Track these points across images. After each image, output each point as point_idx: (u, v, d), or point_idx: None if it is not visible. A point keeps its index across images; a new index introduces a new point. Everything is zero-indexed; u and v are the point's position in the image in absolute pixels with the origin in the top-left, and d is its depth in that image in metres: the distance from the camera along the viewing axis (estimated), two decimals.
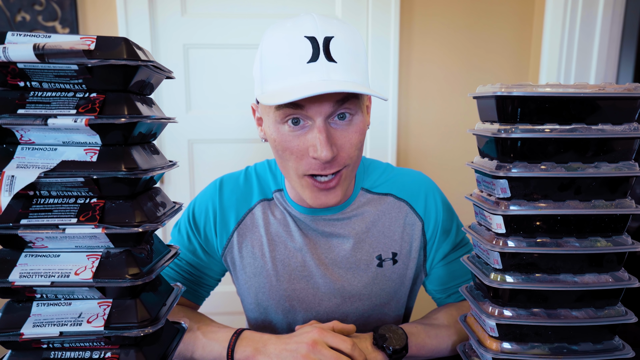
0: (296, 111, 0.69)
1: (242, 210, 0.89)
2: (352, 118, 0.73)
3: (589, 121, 0.57)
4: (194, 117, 1.75)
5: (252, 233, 0.88)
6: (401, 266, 0.89)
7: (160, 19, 1.69)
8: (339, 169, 0.74)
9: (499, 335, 0.62)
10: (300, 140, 0.72)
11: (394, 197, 0.90)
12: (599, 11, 1.59)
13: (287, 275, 0.87)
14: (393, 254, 0.88)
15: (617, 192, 0.59)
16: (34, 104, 0.49)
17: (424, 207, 0.90)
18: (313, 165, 0.72)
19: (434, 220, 0.90)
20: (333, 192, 0.76)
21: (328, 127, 0.71)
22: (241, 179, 0.93)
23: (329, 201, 0.76)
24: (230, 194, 0.90)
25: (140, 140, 0.54)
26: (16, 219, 0.49)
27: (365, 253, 0.87)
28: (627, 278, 0.61)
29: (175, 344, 0.61)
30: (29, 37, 0.47)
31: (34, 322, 0.51)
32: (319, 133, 0.69)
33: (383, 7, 1.70)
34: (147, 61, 0.49)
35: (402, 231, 0.89)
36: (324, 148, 0.69)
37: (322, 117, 0.69)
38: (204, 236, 0.90)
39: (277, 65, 0.69)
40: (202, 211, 0.91)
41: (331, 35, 0.67)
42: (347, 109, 0.71)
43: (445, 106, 1.81)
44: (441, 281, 0.92)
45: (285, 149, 0.73)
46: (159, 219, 0.53)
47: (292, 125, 0.71)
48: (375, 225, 0.88)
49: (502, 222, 0.59)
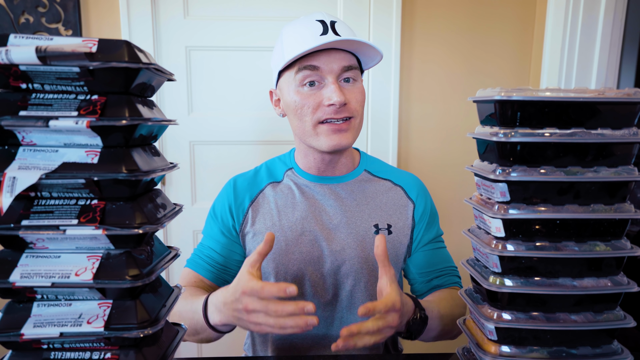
0: (313, 72, 0.87)
1: (254, 192, 1.02)
2: (355, 82, 0.91)
3: (588, 126, 0.58)
4: (195, 119, 1.76)
5: (263, 208, 1.00)
6: (395, 237, 0.99)
7: (162, 21, 1.69)
8: (349, 115, 0.89)
9: (498, 339, 0.62)
10: (316, 95, 0.88)
11: (392, 182, 1.04)
12: (600, 15, 1.59)
13: (294, 240, 0.96)
14: (388, 225, 0.99)
15: (616, 196, 0.59)
16: (36, 106, 0.49)
17: (416, 195, 1.03)
18: (327, 112, 0.88)
19: (423, 208, 1.02)
20: (345, 134, 0.89)
21: (339, 83, 0.88)
22: (251, 173, 1.06)
23: (341, 142, 0.89)
24: (242, 184, 1.03)
25: (141, 142, 0.55)
26: (17, 220, 0.50)
27: (363, 220, 0.98)
28: (626, 282, 0.61)
29: (175, 344, 0.61)
30: (31, 39, 0.47)
31: (34, 322, 0.51)
32: (333, 84, 0.87)
33: (384, 10, 1.71)
34: (149, 64, 0.50)
35: (397, 209, 1.01)
36: (339, 94, 0.85)
37: (333, 74, 0.87)
38: (222, 221, 1.01)
39: (296, 39, 0.87)
40: (219, 202, 1.03)
41: (335, 20, 0.89)
42: (350, 74, 0.89)
43: (446, 109, 1.81)
44: (424, 264, 1.01)
45: (304, 105, 0.89)
46: (159, 221, 0.54)
47: (309, 86, 0.88)
48: (374, 199, 1.00)
49: (501, 225, 0.59)
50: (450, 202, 1.79)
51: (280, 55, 0.90)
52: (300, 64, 0.87)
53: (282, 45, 0.89)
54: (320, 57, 0.86)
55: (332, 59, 0.87)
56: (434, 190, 1.15)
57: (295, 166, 1.03)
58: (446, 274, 1.01)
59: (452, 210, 1.79)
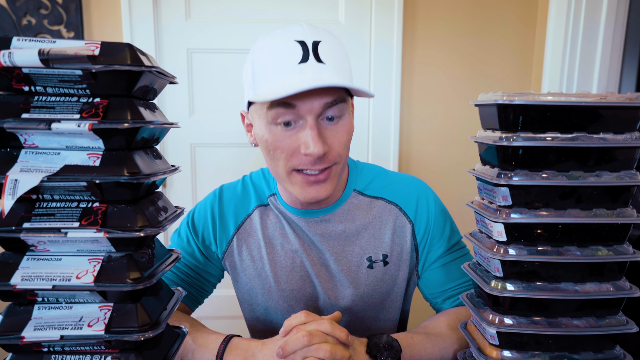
0: (288, 110, 0.71)
1: (240, 216, 0.92)
2: (340, 119, 0.75)
3: (590, 130, 0.58)
4: (196, 121, 1.76)
5: (250, 237, 0.91)
6: (392, 268, 0.89)
7: (164, 23, 1.70)
8: (328, 165, 0.76)
9: (500, 344, 0.62)
10: (291, 139, 0.74)
11: (385, 200, 0.91)
12: (602, 19, 1.59)
13: (285, 276, 0.89)
14: (384, 256, 0.89)
15: (619, 201, 0.59)
16: (38, 109, 0.49)
17: (414, 209, 0.91)
18: (304, 162, 0.74)
19: (426, 222, 0.90)
20: (323, 185, 0.77)
21: (319, 125, 0.73)
22: (239, 187, 0.95)
23: (319, 194, 0.77)
24: (228, 202, 0.93)
25: (142, 145, 0.55)
26: (19, 223, 0.50)
27: (355, 255, 0.88)
28: (628, 287, 0.61)
29: (176, 348, 0.61)
30: (34, 42, 0.47)
31: (34, 325, 0.51)
32: (311, 130, 0.72)
33: (386, 12, 1.71)
34: (151, 67, 0.50)
35: (392, 234, 0.89)
36: (317, 144, 0.71)
37: (313, 115, 0.72)
38: (202, 239, 0.92)
39: (270, 67, 0.71)
40: (201, 216, 0.93)
41: (319, 40, 0.71)
42: (335, 111, 0.74)
43: (447, 112, 1.82)
44: (435, 284, 0.91)
45: (277, 148, 0.75)
46: (160, 224, 0.54)
47: (284, 126, 0.74)
48: (366, 228, 0.89)
49: (503, 229, 0.59)
50: (452, 205, 1.78)
51: (250, 80, 0.75)
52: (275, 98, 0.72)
53: (253, 66, 0.74)
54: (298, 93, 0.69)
55: (313, 95, 0.70)
56: None
57: (277, 194, 0.91)
58: (463, 290, 0.89)
59: (453, 214, 1.78)
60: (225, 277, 1.00)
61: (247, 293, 0.93)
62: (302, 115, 0.72)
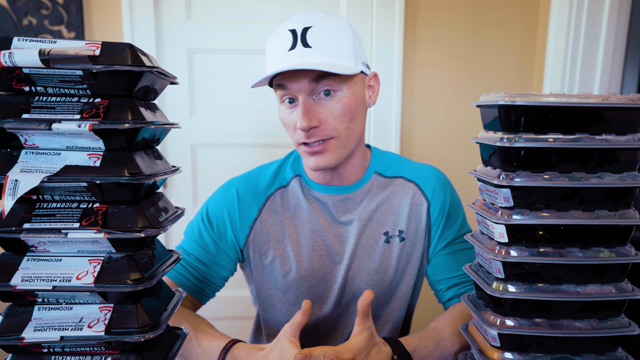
0: (285, 91, 0.82)
1: (260, 200, 0.95)
2: (335, 94, 0.81)
3: (592, 131, 0.57)
4: (197, 121, 1.76)
5: (272, 219, 0.94)
6: (408, 244, 0.93)
7: (165, 23, 1.70)
8: (322, 138, 0.82)
9: (501, 345, 0.61)
10: (292, 116, 0.84)
11: (404, 178, 0.96)
12: (604, 21, 1.59)
13: (306, 255, 0.92)
14: (400, 232, 0.93)
15: (621, 202, 0.59)
16: (39, 109, 0.49)
17: (432, 190, 0.95)
18: (301, 135, 0.82)
19: (441, 204, 0.94)
20: (322, 156, 0.84)
21: (310, 102, 0.81)
22: (253, 175, 0.99)
23: (318, 163, 0.84)
24: (246, 190, 0.96)
25: (143, 145, 0.55)
26: (19, 223, 0.49)
27: (373, 230, 0.92)
28: (630, 289, 0.60)
29: (176, 349, 0.60)
30: (34, 42, 0.47)
31: (35, 326, 0.51)
32: (299, 107, 0.80)
33: (387, 13, 1.71)
34: (152, 67, 0.50)
35: (409, 210, 0.93)
36: (303, 119, 0.79)
37: (303, 93, 0.80)
38: (217, 231, 0.94)
39: (269, 55, 0.82)
40: (216, 209, 0.95)
41: (309, 26, 0.78)
42: (327, 85, 0.80)
43: (449, 113, 1.81)
44: (443, 270, 0.93)
45: (286, 124, 0.86)
46: (161, 225, 0.53)
47: (287, 104, 0.84)
48: (384, 204, 0.94)
49: (504, 231, 0.59)
50: None
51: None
52: (275, 81, 0.82)
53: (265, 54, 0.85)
54: (286, 74, 0.79)
55: (297, 75, 0.78)
56: None
57: (303, 174, 0.96)
58: (468, 280, 0.92)
59: None
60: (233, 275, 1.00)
61: (267, 276, 0.94)
62: (294, 94, 0.81)
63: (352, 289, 0.93)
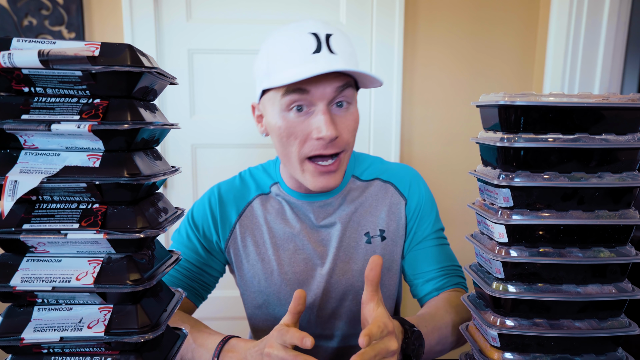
0: (301, 97, 0.76)
1: (241, 205, 0.95)
2: (349, 107, 0.81)
3: (592, 131, 0.57)
4: (197, 122, 1.76)
5: (252, 224, 0.93)
6: (390, 243, 0.93)
7: (165, 23, 1.70)
8: (338, 150, 0.80)
9: (501, 345, 0.61)
10: (304, 125, 0.78)
11: (380, 180, 0.96)
12: (604, 20, 1.59)
13: (287, 259, 0.91)
14: (381, 231, 0.93)
15: (621, 202, 0.59)
16: (38, 110, 0.49)
17: (408, 188, 0.96)
18: (316, 146, 0.78)
19: (417, 201, 0.95)
20: (333, 175, 0.82)
21: (330, 111, 0.78)
22: (236, 181, 0.98)
23: (329, 184, 0.82)
24: (227, 193, 0.95)
25: (143, 146, 0.55)
26: (18, 224, 0.49)
27: (354, 231, 0.92)
28: (630, 289, 0.60)
29: (176, 350, 0.60)
30: (34, 43, 0.47)
31: (34, 327, 0.51)
32: (324, 114, 0.76)
33: (387, 13, 1.71)
34: (151, 68, 0.50)
35: (388, 210, 0.94)
36: (329, 127, 0.76)
37: (325, 100, 0.77)
38: (203, 234, 0.94)
39: (286, 57, 0.76)
40: (200, 211, 0.95)
41: (331, 33, 0.77)
42: (345, 97, 0.79)
43: (449, 113, 1.81)
44: (419, 264, 0.93)
45: (290, 134, 0.79)
46: (160, 225, 0.53)
47: (296, 111, 0.78)
48: (362, 205, 0.93)
49: (504, 231, 0.59)
50: (453, 206, 1.79)
51: (265, 70, 0.79)
52: (290, 85, 0.76)
53: (268, 57, 0.79)
54: (311, 78, 0.75)
55: (325, 81, 0.75)
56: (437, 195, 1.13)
57: (280, 181, 0.95)
58: (446, 274, 0.91)
59: (454, 215, 1.79)
60: (225, 277, 1.00)
61: (249, 280, 0.94)
62: (314, 101, 0.77)
63: (336, 292, 0.92)
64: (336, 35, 0.77)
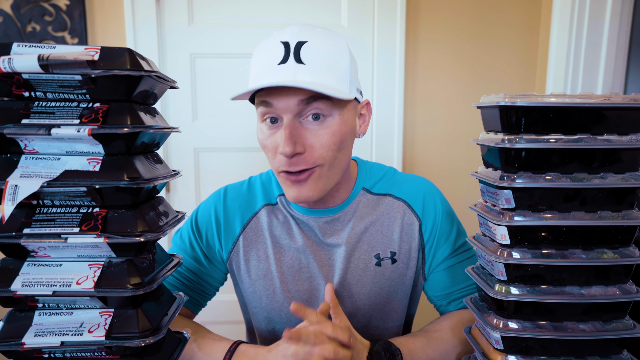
0: (268, 109, 0.73)
1: (246, 215, 0.90)
2: (325, 119, 0.74)
3: (594, 131, 0.57)
4: (200, 125, 1.76)
5: (256, 237, 0.89)
6: (401, 266, 0.88)
7: (167, 28, 1.70)
8: (306, 167, 0.74)
9: (504, 348, 0.61)
10: (273, 138, 0.75)
11: (393, 196, 0.90)
12: (606, 20, 1.58)
13: (291, 276, 0.87)
14: (392, 253, 0.88)
15: (624, 203, 0.58)
16: (38, 114, 0.49)
17: (422, 207, 0.90)
18: (282, 162, 0.74)
19: (432, 221, 0.89)
20: (304, 186, 0.76)
21: (296, 125, 0.73)
22: (244, 187, 0.94)
23: (301, 195, 0.76)
24: (233, 201, 0.91)
25: (143, 149, 0.55)
26: (19, 228, 0.49)
27: (363, 252, 0.87)
28: (634, 291, 0.60)
29: (177, 354, 0.60)
30: (34, 47, 0.47)
31: (35, 331, 0.51)
32: (284, 129, 0.72)
33: (389, 15, 1.71)
34: (151, 71, 0.50)
35: (401, 230, 0.88)
36: (286, 144, 0.71)
37: (289, 114, 0.72)
38: (206, 242, 0.90)
39: (255, 68, 0.74)
40: (204, 218, 0.91)
41: (304, 40, 0.71)
42: (317, 108, 0.72)
43: (451, 115, 1.81)
44: (441, 286, 0.90)
45: (264, 147, 0.77)
46: (161, 229, 0.53)
47: (269, 123, 0.75)
48: (374, 225, 0.88)
49: (506, 233, 0.58)
50: (455, 208, 1.77)
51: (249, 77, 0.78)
52: (259, 96, 0.73)
53: (250, 65, 0.77)
54: (273, 90, 0.71)
55: (288, 94, 0.71)
56: None
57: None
58: (464, 296, 0.88)
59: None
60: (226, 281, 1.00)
61: (250, 295, 0.91)
62: (280, 114, 0.73)
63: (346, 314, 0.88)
64: (311, 43, 0.71)
